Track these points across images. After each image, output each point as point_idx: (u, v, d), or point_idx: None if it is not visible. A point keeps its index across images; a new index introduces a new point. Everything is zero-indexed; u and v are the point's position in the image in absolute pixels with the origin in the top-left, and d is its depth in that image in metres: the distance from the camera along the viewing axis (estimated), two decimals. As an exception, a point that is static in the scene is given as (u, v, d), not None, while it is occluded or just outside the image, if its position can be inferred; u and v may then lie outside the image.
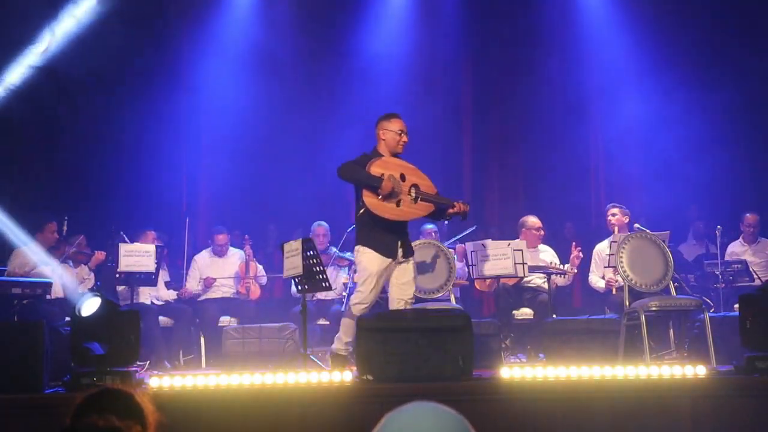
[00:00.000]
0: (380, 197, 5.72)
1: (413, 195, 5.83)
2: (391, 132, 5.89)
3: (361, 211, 5.84)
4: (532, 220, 7.90)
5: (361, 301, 5.84)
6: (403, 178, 5.84)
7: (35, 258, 7.66)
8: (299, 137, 10.02)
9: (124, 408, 2.00)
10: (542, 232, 7.96)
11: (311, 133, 9.96)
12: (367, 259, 5.84)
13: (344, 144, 10.18)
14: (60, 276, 7.60)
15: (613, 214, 7.69)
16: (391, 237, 5.84)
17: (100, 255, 7.84)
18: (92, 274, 7.93)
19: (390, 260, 5.83)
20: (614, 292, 7.41)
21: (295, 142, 10.05)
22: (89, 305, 5.47)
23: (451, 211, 5.91)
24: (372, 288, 5.83)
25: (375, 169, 5.79)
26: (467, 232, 8.20)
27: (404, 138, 5.90)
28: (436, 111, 10.31)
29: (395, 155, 5.91)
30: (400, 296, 5.88)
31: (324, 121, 9.90)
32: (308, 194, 9.94)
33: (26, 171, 9.16)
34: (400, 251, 5.85)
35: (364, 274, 5.86)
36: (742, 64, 9.30)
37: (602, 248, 7.64)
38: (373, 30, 10.12)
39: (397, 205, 5.81)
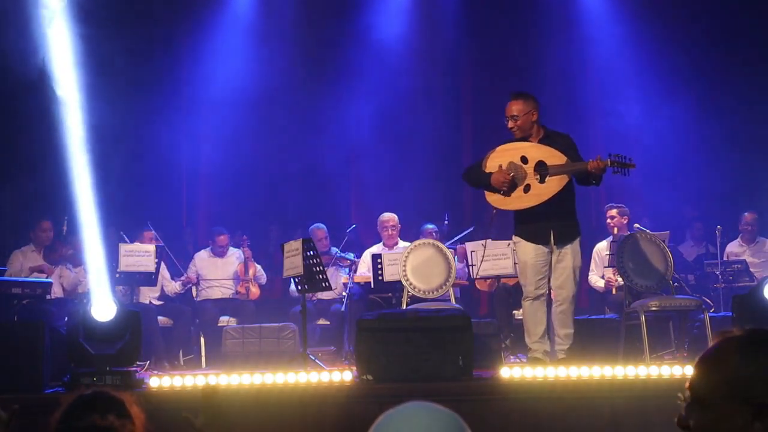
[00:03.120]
0: (501, 193, 5.60)
1: (539, 175, 5.58)
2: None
3: (494, 211, 5.72)
4: None
5: (526, 295, 5.69)
6: (524, 160, 5.61)
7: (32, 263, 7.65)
8: (302, 138, 10.00)
9: (118, 410, 2.01)
10: None
11: (314, 133, 9.94)
12: (520, 249, 5.71)
13: (346, 144, 10.22)
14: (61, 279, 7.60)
15: (612, 217, 7.65)
16: (540, 224, 5.61)
17: None
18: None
19: (544, 248, 5.62)
20: (614, 291, 7.41)
21: (297, 143, 10.03)
22: (105, 310, 5.49)
23: (590, 172, 5.50)
24: (530, 279, 5.63)
25: (491, 163, 5.65)
26: (466, 232, 8.21)
27: (509, 123, 5.66)
28: (436, 110, 10.30)
29: (516, 139, 5.70)
30: (557, 286, 5.70)
31: (327, 120, 9.89)
32: (310, 194, 9.93)
33: (26, 171, 9.14)
34: (552, 238, 5.63)
35: (520, 265, 5.78)
36: (742, 67, 9.32)
37: (602, 248, 7.63)
38: (372, 28, 10.08)
39: (525, 191, 5.60)
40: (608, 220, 7.67)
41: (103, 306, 5.52)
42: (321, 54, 10.08)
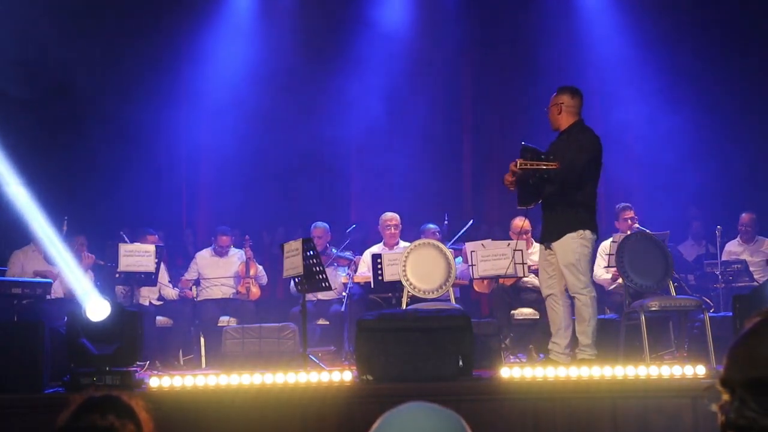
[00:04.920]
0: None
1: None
2: None
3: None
4: (515, 223, 7.85)
5: (543, 293, 5.89)
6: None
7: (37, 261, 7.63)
8: (302, 138, 10.00)
9: (122, 411, 2.01)
10: (528, 234, 7.83)
11: (313, 134, 9.93)
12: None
13: (346, 144, 10.22)
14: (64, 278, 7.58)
15: (632, 218, 7.71)
16: (541, 224, 5.93)
17: (87, 259, 7.75)
18: (92, 274, 7.91)
19: (541, 245, 5.87)
20: (621, 281, 7.40)
21: (301, 143, 10.03)
22: (99, 309, 5.48)
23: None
24: (539, 278, 5.90)
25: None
26: (465, 228, 8.22)
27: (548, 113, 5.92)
28: (437, 110, 10.30)
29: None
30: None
31: (326, 121, 9.89)
32: (310, 194, 9.93)
33: (26, 171, 9.13)
34: (542, 237, 5.88)
35: None
36: (743, 68, 9.35)
37: (605, 246, 7.65)
38: (375, 21, 10.06)
39: None
40: (628, 221, 7.69)
41: (96, 306, 5.51)
42: (320, 49, 10.05)
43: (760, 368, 1.34)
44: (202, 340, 7.87)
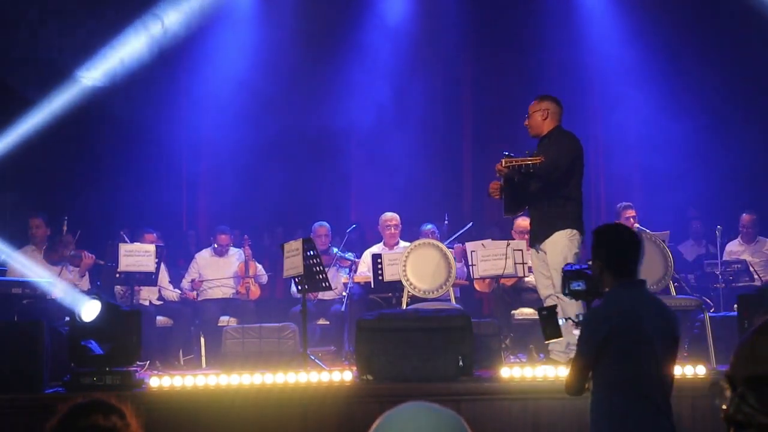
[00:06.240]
0: None
1: None
2: None
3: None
4: (517, 223, 7.85)
5: (541, 295, 5.95)
6: None
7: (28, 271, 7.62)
8: (307, 140, 9.99)
9: (119, 412, 2.01)
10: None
11: (318, 132, 9.92)
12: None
13: (346, 143, 10.21)
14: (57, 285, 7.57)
15: (634, 217, 7.73)
16: (531, 223, 6.04)
17: (87, 259, 7.73)
18: (88, 275, 7.90)
19: (533, 249, 5.94)
20: None
21: (302, 139, 10.02)
22: (89, 310, 5.48)
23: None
24: (536, 279, 5.94)
25: None
26: (464, 230, 8.21)
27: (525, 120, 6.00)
28: (437, 109, 10.30)
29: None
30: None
31: (325, 119, 9.88)
32: (314, 195, 9.93)
33: (25, 170, 9.15)
34: (531, 239, 5.99)
35: None
36: (743, 69, 9.37)
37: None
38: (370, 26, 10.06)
39: None
40: (630, 220, 7.71)
41: (86, 306, 5.50)
42: (320, 42, 10.03)
43: (761, 366, 1.36)
44: (202, 340, 7.87)
